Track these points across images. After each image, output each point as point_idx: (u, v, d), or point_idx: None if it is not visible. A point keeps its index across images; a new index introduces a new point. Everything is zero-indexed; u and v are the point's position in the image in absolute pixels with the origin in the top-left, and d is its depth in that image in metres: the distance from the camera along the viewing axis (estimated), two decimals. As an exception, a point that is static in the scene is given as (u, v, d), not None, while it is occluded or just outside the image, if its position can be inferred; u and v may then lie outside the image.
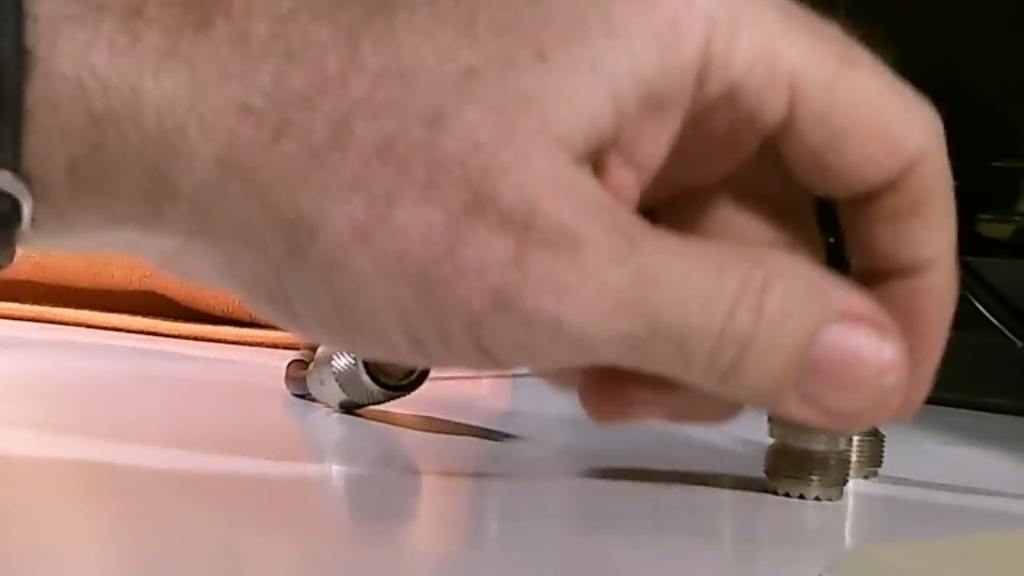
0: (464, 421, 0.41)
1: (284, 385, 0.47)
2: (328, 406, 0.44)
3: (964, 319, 0.64)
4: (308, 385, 0.45)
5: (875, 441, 0.38)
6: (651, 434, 0.47)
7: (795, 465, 0.36)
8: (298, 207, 0.28)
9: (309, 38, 0.29)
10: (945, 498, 0.38)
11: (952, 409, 0.60)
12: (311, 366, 0.45)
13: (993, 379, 0.60)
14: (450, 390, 0.57)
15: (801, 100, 0.31)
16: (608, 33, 0.29)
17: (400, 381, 0.42)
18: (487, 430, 0.40)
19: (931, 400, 0.64)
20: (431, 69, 0.29)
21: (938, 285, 0.33)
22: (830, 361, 0.30)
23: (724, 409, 0.33)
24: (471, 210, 0.28)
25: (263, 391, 0.48)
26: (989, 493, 0.38)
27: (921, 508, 0.36)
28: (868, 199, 0.32)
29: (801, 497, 0.36)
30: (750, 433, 0.46)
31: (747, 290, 0.29)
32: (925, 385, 0.35)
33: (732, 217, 0.33)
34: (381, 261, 0.28)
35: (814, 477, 0.36)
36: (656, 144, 0.31)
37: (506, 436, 0.41)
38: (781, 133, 0.31)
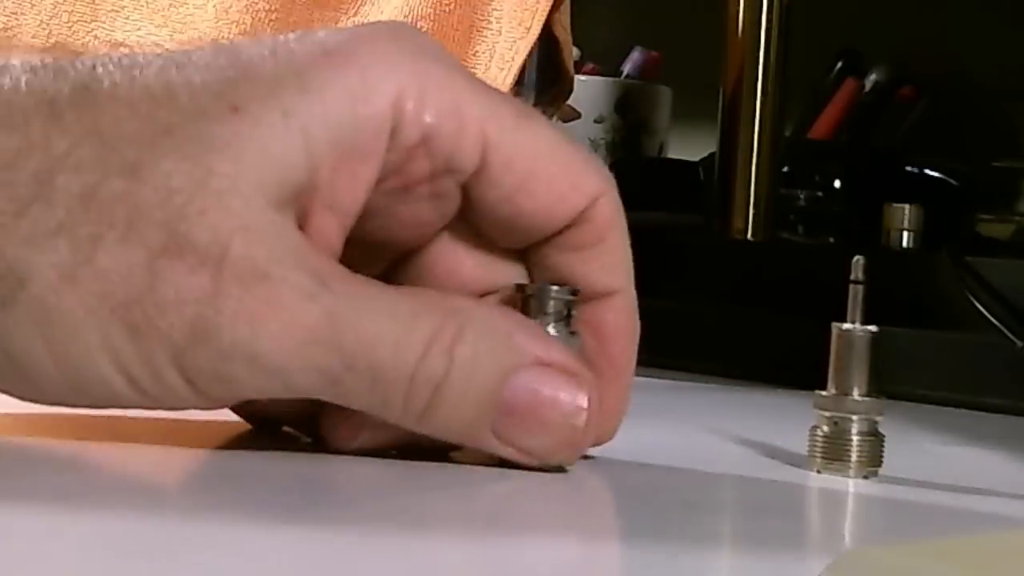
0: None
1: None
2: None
3: (964, 319, 0.65)
4: None
5: (875, 441, 0.38)
6: (651, 434, 0.47)
7: None
8: (6, 258, 0.30)
9: (13, 105, 0.31)
10: (945, 498, 0.38)
11: (952, 409, 0.60)
12: None
13: (993, 379, 0.60)
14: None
15: (491, 147, 0.34)
16: (301, 89, 0.32)
17: None
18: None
19: (931, 400, 0.64)
20: (130, 129, 0.31)
21: (622, 310, 0.37)
22: (523, 404, 0.32)
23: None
24: (169, 250, 0.31)
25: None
26: (989, 493, 0.38)
27: (921, 508, 0.36)
28: (556, 235, 0.35)
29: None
30: (750, 433, 0.46)
31: (440, 336, 0.32)
32: (623, 404, 0.37)
33: (453, 269, 0.36)
34: (89, 302, 0.31)
35: None
36: (355, 190, 0.33)
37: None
38: (477, 180, 0.34)
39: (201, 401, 0.32)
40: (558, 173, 0.35)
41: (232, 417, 0.37)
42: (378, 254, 0.36)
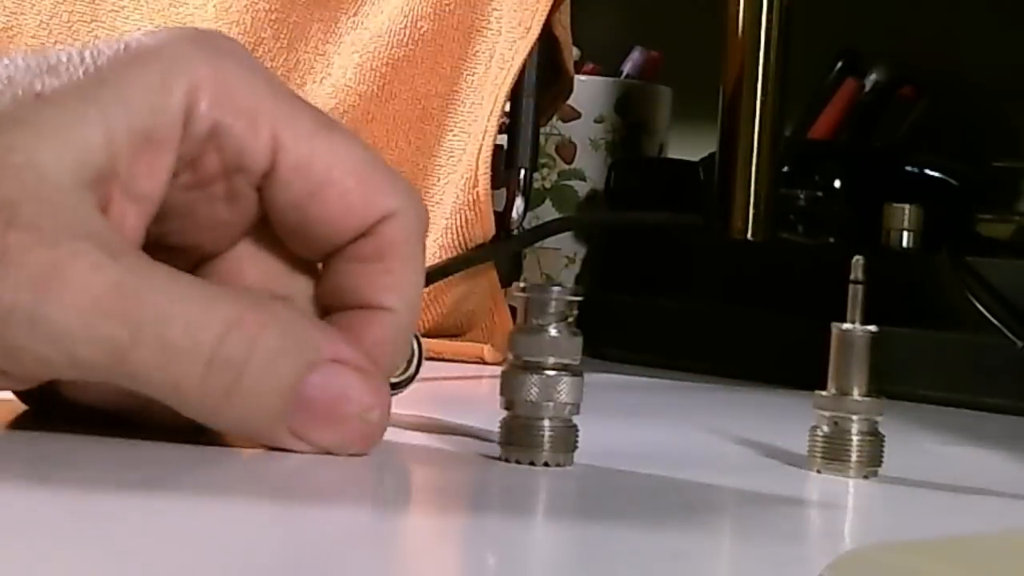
0: (464, 421, 0.41)
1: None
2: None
3: (964, 319, 0.65)
4: None
5: (875, 441, 0.38)
6: (651, 434, 0.47)
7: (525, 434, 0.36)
8: None
9: None
10: (945, 498, 0.38)
11: (952, 409, 0.60)
12: None
13: (993, 379, 0.60)
14: (450, 390, 0.57)
15: (283, 149, 0.35)
16: (101, 82, 0.33)
17: (392, 380, 0.42)
18: (483, 431, 0.40)
19: (931, 400, 0.64)
20: None
21: (387, 328, 0.36)
22: (319, 400, 0.33)
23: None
24: None
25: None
26: (989, 493, 0.39)
27: (921, 508, 0.36)
28: (346, 249, 0.36)
29: (531, 464, 0.36)
30: (750, 433, 0.46)
31: (241, 322, 0.32)
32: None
33: (238, 275, 0.37)
34: None
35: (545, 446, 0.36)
36: (153, 178, 0.34)
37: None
38: (268, 183, 0.35)
39: None
40: (353, 186, 0.35)
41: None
42: (180, 258, 0.36)
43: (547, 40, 0.69)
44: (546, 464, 0.36)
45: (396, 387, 0.42)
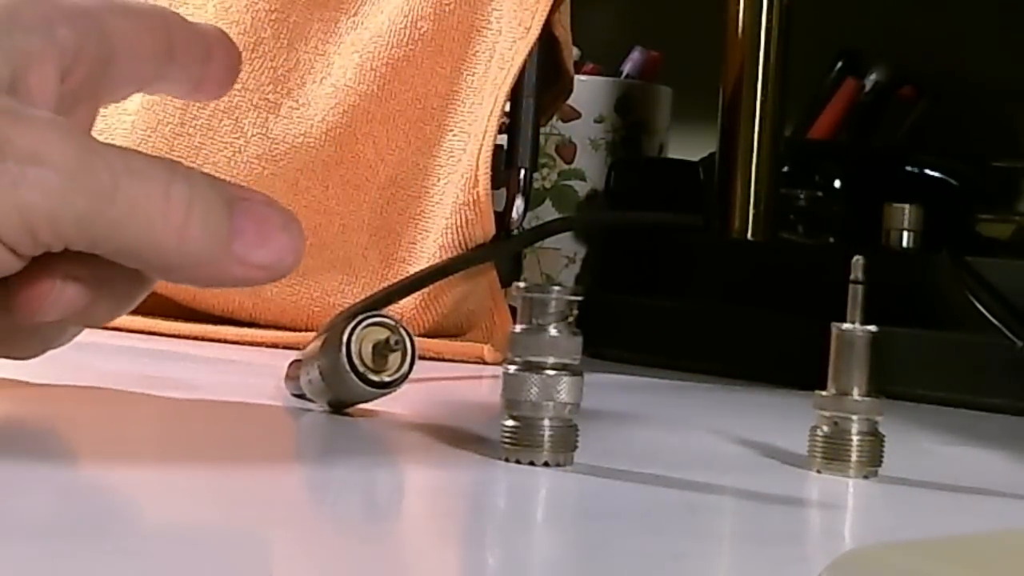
0: (464, 421, 0.41)
1: (284, 385, 0.47)
2: (319, 405, 0.44)
3: (964, 319, 0.65)
4: (300, 384, 0.45)
5: (875, 441, 0.38)
6: (651, 434, 0.47)
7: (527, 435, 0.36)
8: None
9: None
10: (945, 498, 0.38)
11: (952, 409, 0.60)
12: (301, 365, 0.45)
13: (993, 379, 0.60)
14: (450, 390, 0.57)
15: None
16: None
17: (384, 378, 0.42)
18: (483, 431, 0.40)
19: (931, 400, 0.64)
20: None
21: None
22: (249, 224, 0.37)
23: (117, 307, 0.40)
24: None
25: (263, 391, 0.48)
26: (989, 493, 0.39)
27: (921, 508, 0.36)
28: None
29: (531, 464, 0.36)
30: (750, 433, 0.46)
31: (176, 169, 0.36)
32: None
33: None
34: None
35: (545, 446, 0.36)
36: (45, 88, 0.39)
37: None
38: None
39: (5, 254, 0.35)
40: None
41: None
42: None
43: (547, 40, 0.69)
44: (546, 464, 0.36)
45: (389, 385, 0.42)
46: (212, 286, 0.39)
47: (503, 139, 0.69)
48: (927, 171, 0.81)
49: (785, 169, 0.76)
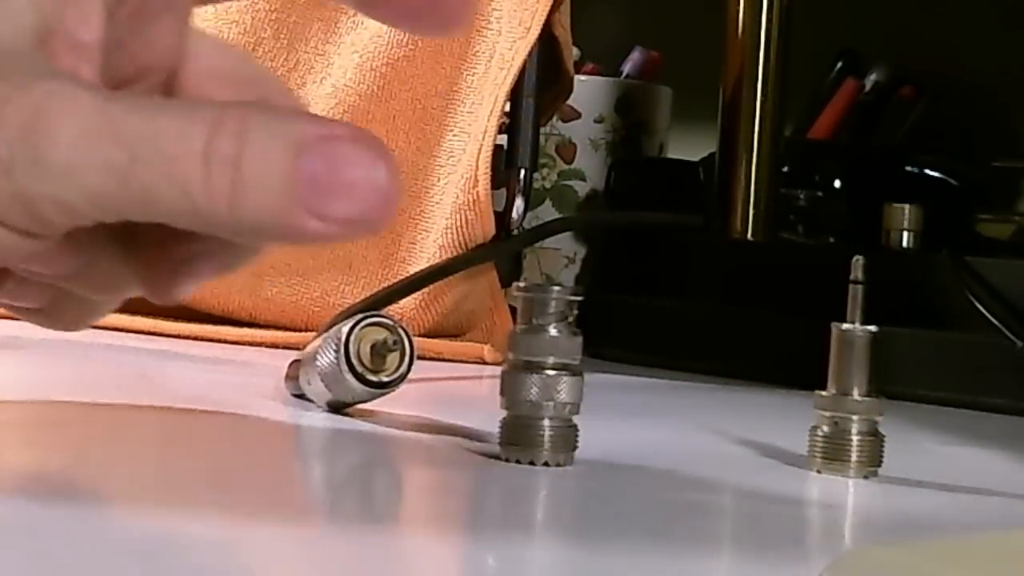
0: (464, 421, 0.41)
1: (284, 385, 0.47)
2: (319, 406, 0.44)
3: (964, 319, 0.65)
4: (300, 385, 0.45)
5: (875, 441, 0.38)
6: (651, 434, 0.47)
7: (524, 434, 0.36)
8: None
9: None
10: (945, 498, 0.38)
11: (952, 409, 0.60)
12: (300, 365, 0.45)
13: (993, 379, 0.60)
14: (450, 390, 0.57)
15: None
16: None
17: (383, 379, 0.42)
18: (483, 431, 0.40)
19: (931, 400, 0.64)
20: None
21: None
22: (322, 171, 0.31)
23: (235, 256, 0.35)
24: None
25: (263, 391, 0.48)
26: (989, 493, 0.39)
27: (921, 508, 0.36)
28: None
29: (531, 464, 0.36)
30: (750, 433, 0.46)
31: (223, 120, 0.31)
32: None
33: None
34: None
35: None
36: (89, 23, 0.34)
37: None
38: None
39: (18, 240, 0.32)
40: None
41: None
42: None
43: (547, 40, 0.69)
44: (546, 464, 0.36)
45: (387, 385, 0.42)
46: (292, 243, 0.33)
47: (503, 139, 0.69)
48: (927, 171, 0.81)
49: (785, 169, 0.76)
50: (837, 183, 0.79)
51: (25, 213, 0.31)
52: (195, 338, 0.67)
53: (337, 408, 0.44)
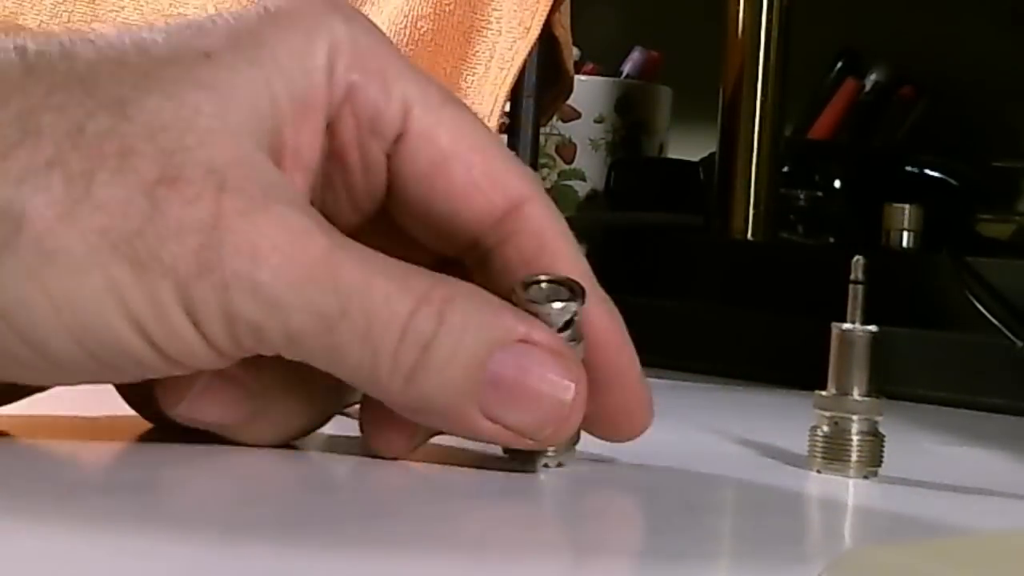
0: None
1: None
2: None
3: (964, 319, 0.65)
4: None
5: (875, 441, 0.38)
6: (651, 434, 0.47)
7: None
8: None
9: None
10: (945, 498, 0.38)
11: (952, 409, 0.60)
12: None
13: (993, 379, 0.60)
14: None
15: (413, 116, 0.34)
16: (257, 43, 0.33)
17: None
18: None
19: (931, 400, 0.64)
20: (108, 71, 0.32)
21: (598, 311, 0.35)
22: (509, 377, 0.32)
23: (295, 423, 0.35)
24: (165, 180, 0.30)
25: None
26: (989, 493, 0.38)
27: (921, 508, 0.36)
28: (491, 255, 0.35)
29: (546, 466, 0.36)
30: (750, 433, 0.46)
31: (431, 296, 0.31)
32: (641, 403, 0.37)
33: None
34: (89, 239, 0.30)
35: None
36: (313, 146, 0.34)
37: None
38: (397, 152, 0.34)
39: (205, 350, 0.31)
40: (479, 162, 0.34)
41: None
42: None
43: (547, 40, 0.69)
44: (546, 465, 0.36)
45: None
46: (455, 434, 0.34)
47: (503, 139, 0.69)
48: (927, 171, 0.81)
49: (785, 169, 0.76)
50: (837, 183, 0.79)
51: (225, 330, 0.31)
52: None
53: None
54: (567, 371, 0.32)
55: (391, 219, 0.35)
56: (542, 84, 0.69)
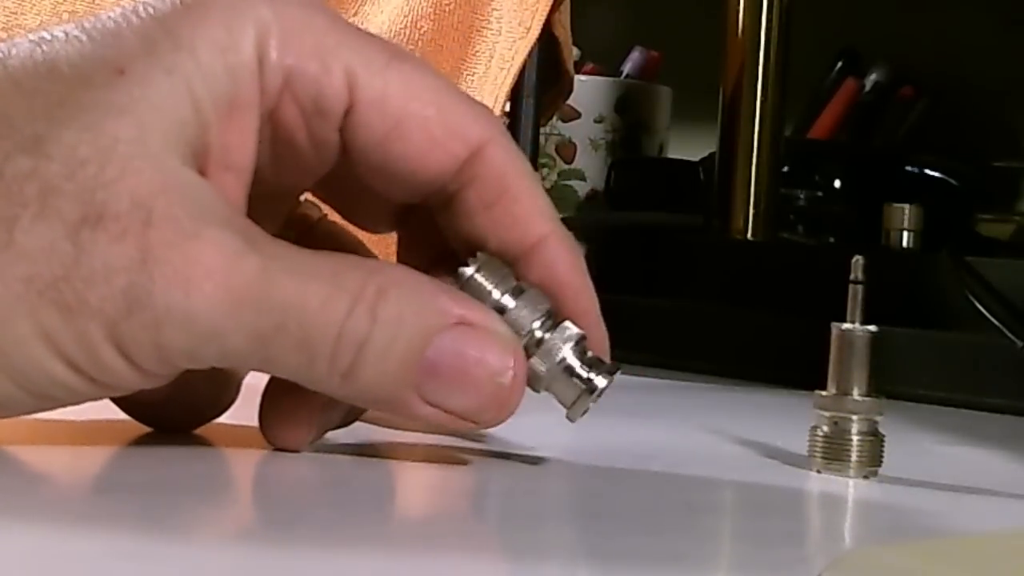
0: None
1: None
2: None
3: (964, 319, 0.65)
4: None
5: (875, 441, 0.38)
6: (651, 434, 0.47)
7: None
8: None
9: None
10: (945, 498, 0.38)
11: (952, 409, 0.60)
12: None
13: (993, 379, 0.60)
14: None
15: (358, 86, 0.33)
16: (175, 47, 0.32)
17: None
18: (483, 431, 0.40)
19: (931, 400, 0.64)
20: (20, 105, 0.31)
21: (559, 249, 0.35)
22: (447, 364, 0.31)
23: (210, 404, 0.36)
24: (89, 221, 0.30)
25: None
26: (989, 493, 0.38)
27: (921, 508, 0.36)
28: (453, 199, 0.34)
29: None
30: (750, 433, 0.46)
31: (363, 295, 0.31)
32: (603, 341, 0.37)
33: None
34: (15, 288, 0.30)
35: None
36: (244, 145, 0.33)
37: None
38: (348, 123, 0.33)
39: (139, 378, 0.31)
40: (433, 115, 0.33)
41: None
42: (267, 211, 0.35)
43: (547, 40, 0.69)
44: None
45: None
46: (398, 418, 0.34)
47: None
48: (927, 171, 0.81)
49: (785, 169, 0.76)
50: (837, 183, 0.79)
51: (159, 359, 0.30)
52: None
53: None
54: (504, 351, 0.32)
55: (349, 171, 0.35)
56: (542, 84, 0.69)
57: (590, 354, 0.35)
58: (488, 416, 0.32)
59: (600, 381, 0.35)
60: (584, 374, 0.34)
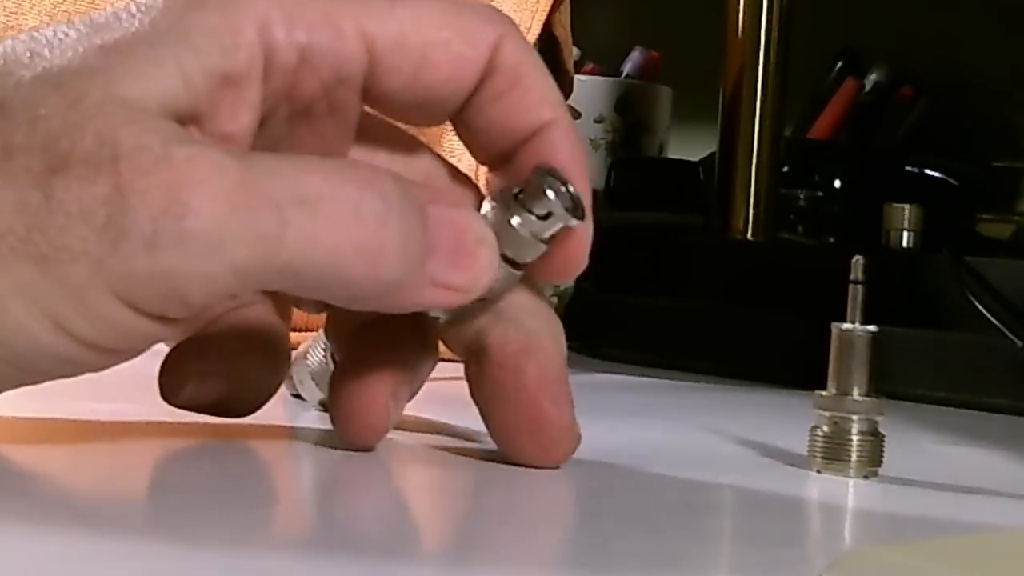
0: (463, 421, 0.41)
1: (284, 384, 0.47)
2: (312, 405, 0.44)
3: (964, 319, 0.65)
4: (295, 384, 0.45)
5: (875, 441, 0.38)
6: (651, 434, 0.47)
7: None
8: None
9: None
10: (945, 498, 0.38)
11: (952, 409, 0.60)
12: (293, 365, 0.45)
13: (993, 379, 0.60)
14: (450, 390, 0.57)
15: (375, 39, 0.33)
16: (163, 31, 0.31)
17: None
18: (483, 431, 0.40)
19: (931, 400, 0.64)
20: None
21: (562, 135, 0.36)
22: (443, 239, 0.32)
23: (265, 389, 0.38)
24: (56, 169, 0.29)
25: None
26: (989, 493, 0.38)
27: (921, 508, 0.36)
28: (472, 96, 0.35)
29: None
30: (750, 433, 0.46)
31: (369, 182, 0.30)
32: (587, 225, 0.36)
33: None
34: None
35: None
36: (237, 119, 0.32)
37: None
38: (375, 76, 0.34)
39: (145, 325, 0.29)
40: (451, 36, 0.34)
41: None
42: None
43: (547, 40, 0.69)
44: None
45: None
46: (399, 312, 0.33)
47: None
48: (927, 171, 0.81)
49: (785, 169, 0.76)
50: (837, 183, 0.79)
51: (165, 293, 0.29)
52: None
53: (328, 407, 0.44)
54: (477, 219, 0.33)
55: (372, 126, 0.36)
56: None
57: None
58: (481, 284, 0.33)
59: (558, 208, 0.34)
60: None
